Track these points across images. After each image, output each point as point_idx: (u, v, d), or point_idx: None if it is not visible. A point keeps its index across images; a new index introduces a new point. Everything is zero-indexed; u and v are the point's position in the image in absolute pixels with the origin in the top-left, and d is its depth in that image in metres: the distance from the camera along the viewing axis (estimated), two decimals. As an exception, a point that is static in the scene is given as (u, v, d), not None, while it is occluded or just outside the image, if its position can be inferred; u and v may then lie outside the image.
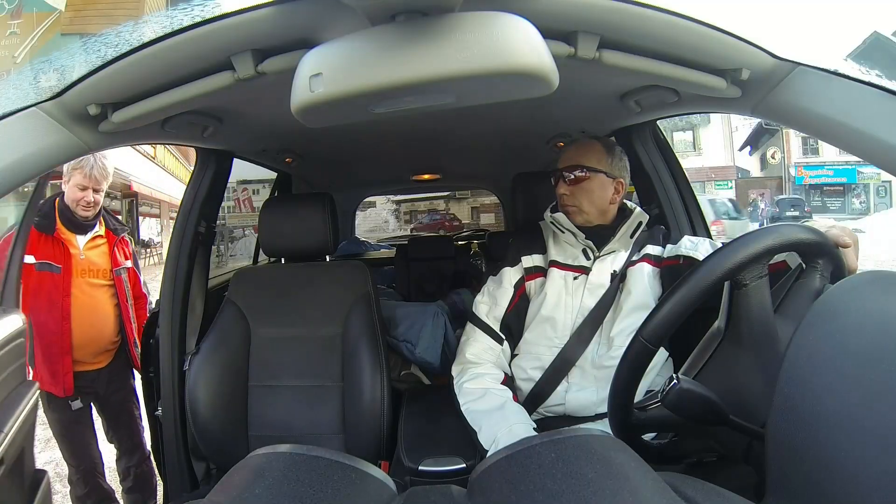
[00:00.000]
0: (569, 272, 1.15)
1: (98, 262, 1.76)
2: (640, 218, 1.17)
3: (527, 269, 1.19)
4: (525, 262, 1.19)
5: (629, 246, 1.15)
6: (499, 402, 1.07)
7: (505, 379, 1.15)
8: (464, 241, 3.15)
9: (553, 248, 1.18)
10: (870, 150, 0.69)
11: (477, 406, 1.07)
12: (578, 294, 1.13)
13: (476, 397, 1.08)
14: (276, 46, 0.70)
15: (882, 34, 12.89)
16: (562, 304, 1.13)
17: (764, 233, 0.61)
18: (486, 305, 1.20)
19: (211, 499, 0.40)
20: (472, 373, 1.13)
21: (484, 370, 1.14)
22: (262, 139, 1.41)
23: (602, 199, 1.15)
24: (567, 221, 1.14)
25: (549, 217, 1.19)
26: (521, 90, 0.58)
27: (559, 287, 1.14)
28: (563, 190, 1.15)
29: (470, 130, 1.53)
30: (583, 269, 1.14)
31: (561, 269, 1.16)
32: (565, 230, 1.15)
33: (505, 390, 1.11)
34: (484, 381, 1.11)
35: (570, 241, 1.16)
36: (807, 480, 0.39)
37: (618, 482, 0.38)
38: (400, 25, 0.54)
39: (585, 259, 1.15)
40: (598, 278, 1.13)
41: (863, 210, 17.86)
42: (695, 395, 0.56)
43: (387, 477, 0.46)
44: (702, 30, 0.73)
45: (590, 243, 1.14)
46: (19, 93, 0.81)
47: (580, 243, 1.15)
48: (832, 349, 0.43)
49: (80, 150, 0.82)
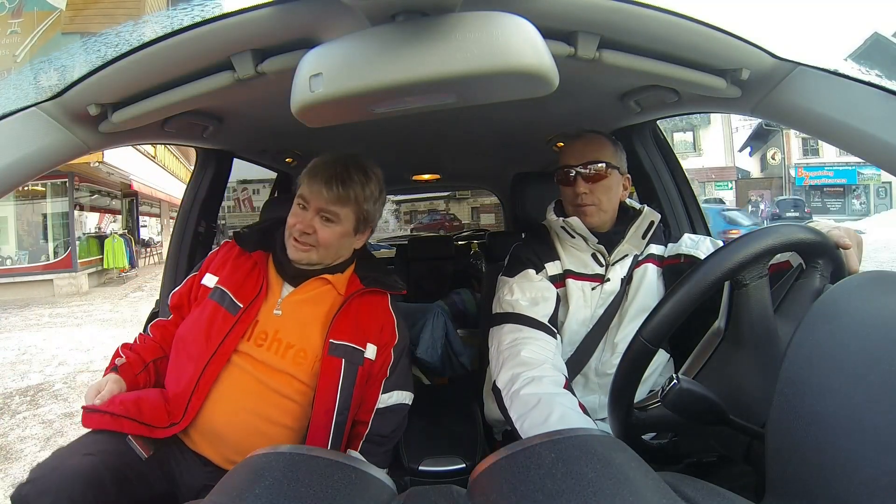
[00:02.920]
0: (586, 282, 1.07)
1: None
2: (651, 217, 1.08)
3: (551, 277, 1.08)
4: (549, 270, 1.08)
5: (641, 247, 1.09)
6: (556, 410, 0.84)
7: (566, 384, 0.92)
8: (464, 241, 3.15)
9: (564, 254, 1.10)
10: (870, 149, 0.69)
11: (533, 413, 0.85)
12: (594, 305, 1.06)
13: (532, 404, 0.87)
14: (276, 46, 0.70)
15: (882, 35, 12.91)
16: (581, 317, 1.06)
17: (764, 233, 0.61)
18: (525, 302, 1.03)
19: (211, 499, 0.40)
20: (529, 375, 0.91)
21: (542, 372, 0.92)
22: (262, 139, 1.41)
23: (618, 196, 1.09)
24: (581, 226, 1.05)
25: (558, 221, 1.08)
26: (521, 90, 0.58)
27: (578, 299, 1.06)
28: (583, 188, 1.04)
29: (470, 130, 1.53)
30: (598, 277, 1.07)
31: (578, 280, 1.07)
32: (576, 234, 1.06)
33: (565, 395, 0.89)
34: (543, 384, 0.89)
35: (578, 245, 1.08)
36: (807, 480, 0.39)
37: (618, 482, 0.38)
38: (400, 25, 0.54)
39: (598, 265, 1.08)
40: (612, 286, 1.06)
41: (863, 211, 17.86)
42: (695, 394, 0.56)
43: (387, 477, 0.46)
44: (702, 30, 0.73)
45: (601, 248, 1.06)
46: (19, 92, 0.82)
47: (590, 248, 1.07)
48: (832, 349, 0.43)
49: (80, 150, 0.82)
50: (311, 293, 1.03)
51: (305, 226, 0.99)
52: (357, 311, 1.04)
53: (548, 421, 0.83)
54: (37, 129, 0.75)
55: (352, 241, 1.06)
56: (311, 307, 1.02)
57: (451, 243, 2.90)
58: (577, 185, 1.05)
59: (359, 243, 1.08)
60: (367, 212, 1.04)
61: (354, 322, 1.02)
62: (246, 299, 1.00)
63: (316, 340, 0.99)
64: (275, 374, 0.98)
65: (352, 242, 1.06)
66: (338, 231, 1.01)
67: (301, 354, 0.98)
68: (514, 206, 1.46)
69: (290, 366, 0.98)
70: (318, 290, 1.04)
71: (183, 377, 0.97)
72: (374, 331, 1.04)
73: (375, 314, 1.06)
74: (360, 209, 1.03)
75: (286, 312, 1.01)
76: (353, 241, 1.06)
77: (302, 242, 1.00)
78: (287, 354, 0.98)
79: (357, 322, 1.03)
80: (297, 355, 0.98)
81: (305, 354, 0.99)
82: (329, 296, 1.04)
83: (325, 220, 1.00)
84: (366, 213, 1.04)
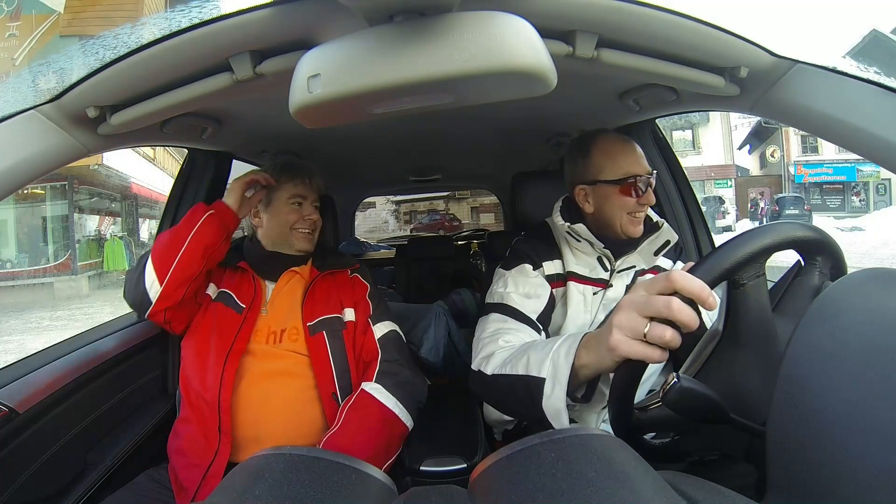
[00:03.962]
0: (588, 286, 1.05)
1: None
2: (668, 236, 1.04)
3: (548, 276, 1.06)
4: (547, 268, 1.07)
5: (651, 263, 1.07)
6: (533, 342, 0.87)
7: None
8: (463, 241, 3.15)
9: (569, 255, 1.07)
10: (869, 147, 0.69)
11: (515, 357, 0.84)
12: (595, 310, 1.05)
13: (510, 354, 0.87)
14: (275, 48, 0.70)
15: (881, 32, 12.91)
16: (579, 321, 1.04)
17: (760, 232, 0.61)
18: (517, 296, 1.02)
19: (211, 500, 0.40)
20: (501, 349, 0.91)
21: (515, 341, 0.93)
22: (261, 140, 1.41)
23: None
24: (587, 232, 1.02)
25: (564, 226, 1.05)
26: (520, 90, 0.58)
27: (578, 302, 1.04)
28: (650, 199, 1.00)
29: (469, 130, 1.53)
30: (602, 282, 1.05)
31: (580, 283, 1.05)
32: (582, 239, 1.04)
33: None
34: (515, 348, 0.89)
35: (584, 249, 1.06)
36: (808, 478, 0.39)
37: (618, 481, 0.38)
38: (398, 26, 0.54)
39: (603, 270, 1.06)
40: (615, 293, 1.04)
41: (862, 208, 17.86)
42: (695, 393, 0.56)
43: (387, 477, 0.46)
44: (700, 28, 0.73)
45: (608, 252, 1.04)
46: (18, 95, 0.82)
47: (596, 252, 1.05)
48: (832, 347, 0.43)
49: (79, 153, 0.82)
50: (285, 285, 1.17)
51: (314, 217, 1.19)
52: (324, 289, 1.18)
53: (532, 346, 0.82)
54: (35, 131, 0.75)
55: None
56: (288, 296, 1.16)
57: (451, 243, 2.90)
58: (649, 196, 1.00)
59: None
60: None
61: (324, 298, 1.16)
62: (247, 299, 1.12)
63: (300, 318, 1.13)
64: (281, 358, 1.08)
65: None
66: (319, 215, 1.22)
67: (294, 332, 1.11)
68: (514, 205, 1.46)
69: (290, 344, 1.10)
70: (291, 281, 1.18)
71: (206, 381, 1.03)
72: (345, 295, 1.19)
73: (340, 283, 1.21)
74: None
75: (272, 308, 1.14)
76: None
77: (308, 231, 1.19)
78: (283, 337, 1.11)
79: (327, 297, 1.16)
80: (291, 333, 1.11)
81: (297, 331, 1.11)
82: (299, 284, 1.18)
83: (316, 208, 1.21)
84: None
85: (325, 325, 1.11)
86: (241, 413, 1.02)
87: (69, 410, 0.99)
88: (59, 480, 0.95)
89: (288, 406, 1.04)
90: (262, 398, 1.03)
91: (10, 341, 5.49)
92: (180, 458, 1.01)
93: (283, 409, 1.03)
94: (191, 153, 1.44)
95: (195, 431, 1.02)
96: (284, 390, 1.05)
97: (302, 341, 1.09)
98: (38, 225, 9.24)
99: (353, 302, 1.18)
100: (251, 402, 1.03)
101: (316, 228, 1.20)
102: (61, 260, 9.13)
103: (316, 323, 1.11)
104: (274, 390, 1.04)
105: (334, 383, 1.07)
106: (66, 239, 9.19)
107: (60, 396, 0.97)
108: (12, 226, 9.04)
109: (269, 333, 1.09)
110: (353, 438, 0.97)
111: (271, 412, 1.03)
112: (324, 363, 1.08)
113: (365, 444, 0.97)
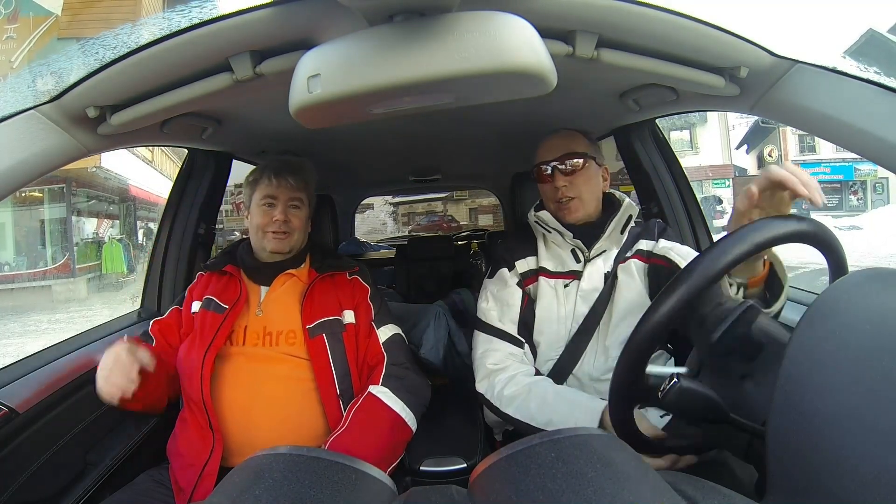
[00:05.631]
0: (559, 280, 1.07)
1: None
2: (629, 210, 1.08)
3: (522, 273, 1.10)
4: (520, 267, 1.10)
5: (620, 242, 1.08)
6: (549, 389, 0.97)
7: (535, 372, 1.04)
8: (463, 241, 3.15)
9: (543, 251, 1.10)
10: (867, 146, 0.70)
11: (530, 403, 0.96)
12: (571, 302, 1.06)
13: (523, 396, 0.97)
14: (275, 48, 0.70)
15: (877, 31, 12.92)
16: (553, 315, 1.06)
17: (758, 227, 0.60)
18: (495, 311, 1.09)
19: (211, 500, 0.40)
20: (503, 378, 1.01)
21: (512, 371, 1.02)
22: (261, 140, 1.41)
23: (598, 187, 1.08)
24: (552, 219, 1.06)
25: (532, 217, 1.10)
26: (519, 89, 0.58)
27: (549, 298, 1.07)
28: (562, 182, 1.05)
29: (469, 130, 1.53)
30: (574, 274, 1.06)
31: (550, 278, 1.07)
32: (552, 230, 1.07)
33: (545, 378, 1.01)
34: (518, 380, 1.00)
35: (557, 241, 1.08)
36: (808, 478, 0.39)
37: (618, 481, 0.38)
38: (397, 26, 0.54)
39: (575, 262, 1.07)
40: (590, 283, 1.05)
41: (860, 207, 17.89)
42: (695, 393, 0.56)
43: (387, 477, 0.46)
44: (700, 28, 0.73)
45: (578, 243, 1.06)
46: (17, 96, 0.81)
47: (568, 243, 1.07)
48: (832, 346, 0.43)
49: (79, 153, 0.82)
50: (282, 287, 1.14)
51: (281, 218, 1.12)
52: (322, 292, 1.14)
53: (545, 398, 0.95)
54: (35, 131, 0.75)
55: (308, 222, 1.20)
56: (286, 297, 1.13)
57: (451, 243, 2.89)
58: (556, 180, 1.05)
59: (309, 226, 1.22)
60: (313, 192, 1.21)
61: (323, 300, 1.13)
62: (230, 301, 1.10)
63: (299, 321, 1.10)
64: (277, 362, 1.06)
65: (308, 224, 1.21)
66: (304, 214, 1.17)
67: (291, 335, 1.08)
68: (514, 205, 1.46)
69: (286, 347, 1.07)
70: (287, 284, 1.15)
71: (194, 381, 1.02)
72: (345, 297, 1.16)
73: (339, 285, 1.18)
74: (311, 191, 1.19)
75: (267, 311, 1.11)
76: (308, 224, 1.21)
77: (280, 233, 1.12)
78: (279, 340, 1.08)
79: (325, 299, 1.13)
80: (289, 336, 1.08)
81: (295, 334, 1.09)
82: (297, 286, 1.15)
83: (294, 207, 1.15)
84: (313, 193, 1.21)
85: (325, 328, 1.09)
86: (232, 413, 1.01)
87: (69, 410, 0.99)
88: (59, 480, 0.95)
89: (282, 408, 1.03)
90: (252, 399, 1.02)
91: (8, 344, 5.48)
92: (178, 459, 1.01)
93: (278, 410, 1.02)
94: (191, 153, 1.44)
95: (191, 432, 1.02)
96: (278, 392, 1.03)
97: (300, 344, 1.08)
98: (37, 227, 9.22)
99: (354, 304, 1.16)
100: (241, 402, 1.02)
101: (291, 230, 1.13)
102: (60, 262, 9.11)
103: (315, 325, 1.09)
104: (266, 391, 1.03)
105: (335, 386, 1.06)
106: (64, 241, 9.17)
107: (60, 396, 0.97)
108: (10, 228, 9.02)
109: (263, 335, 1.08)
110: (359, 441, 0.96)
111: (263, 413, 1.01)
112: (324, 366, 1.06)
113: (371, 446, 0.96)
